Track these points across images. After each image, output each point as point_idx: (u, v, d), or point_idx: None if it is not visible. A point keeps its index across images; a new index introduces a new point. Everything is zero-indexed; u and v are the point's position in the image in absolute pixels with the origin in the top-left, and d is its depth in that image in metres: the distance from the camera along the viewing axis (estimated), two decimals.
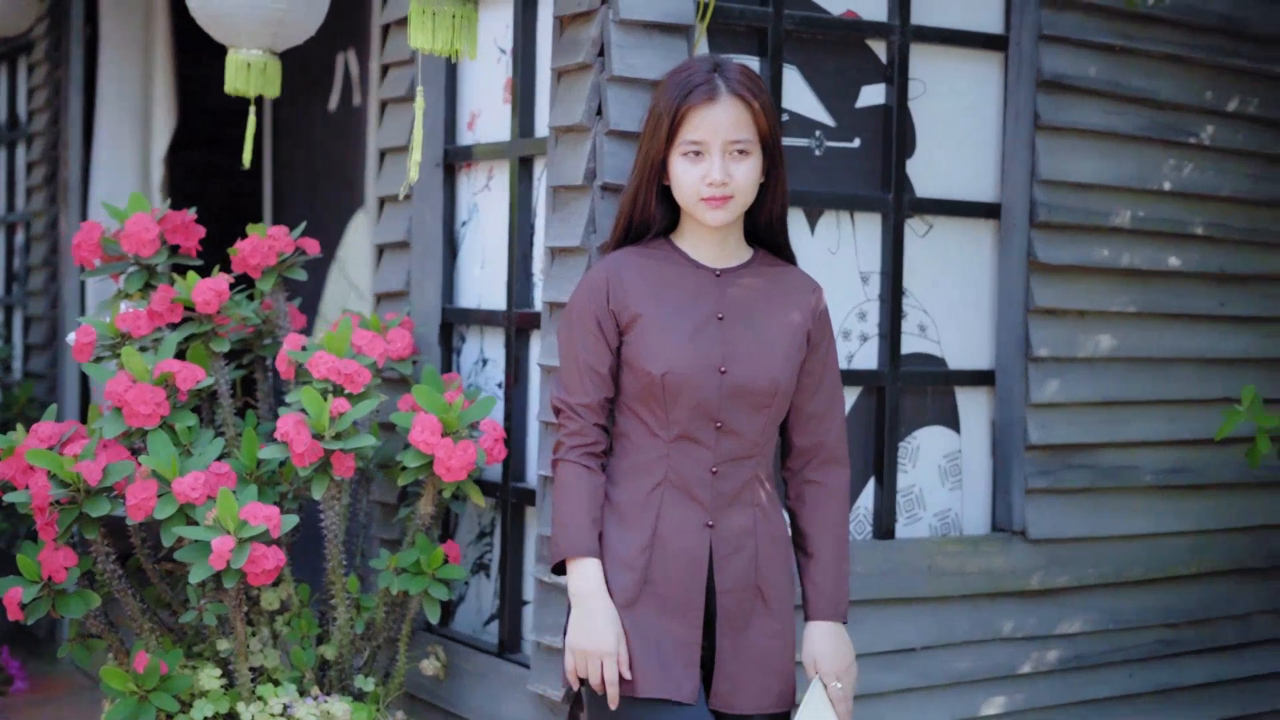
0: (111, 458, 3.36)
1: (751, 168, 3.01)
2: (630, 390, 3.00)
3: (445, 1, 3.24)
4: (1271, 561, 4.44)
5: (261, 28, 3.99)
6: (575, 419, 2.99)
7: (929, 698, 3.84)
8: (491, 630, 3.91)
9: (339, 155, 6.37)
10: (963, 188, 3.94)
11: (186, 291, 3.64)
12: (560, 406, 3.03)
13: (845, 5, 3.76)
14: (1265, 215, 4.38)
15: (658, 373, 2.94)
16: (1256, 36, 4.31)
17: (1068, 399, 4.01)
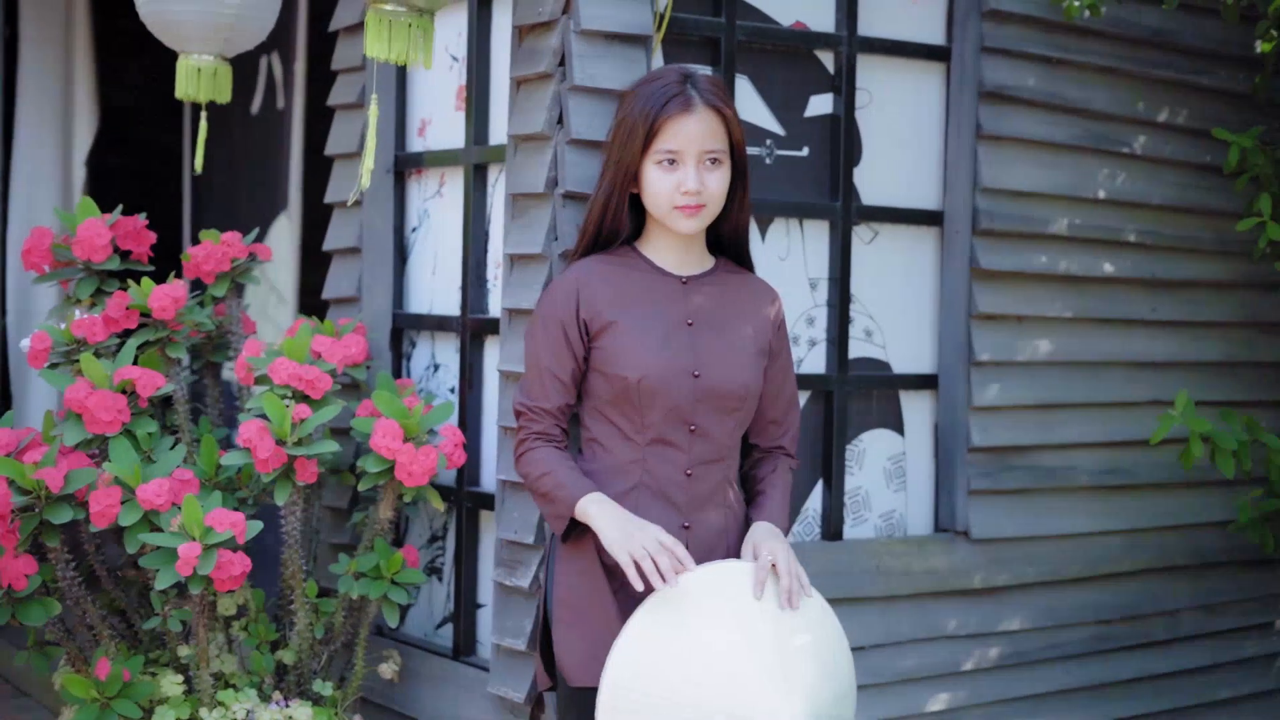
0: (72, 465, 3.35)
1: (723, 177, 3.08)
2: (602, 395, 3.05)
3: (401, 11, 3.25)
4: (1199, 559, 4.57)
5: (212, 33, 4.00)
6: (537, 421, 3.04)
7: (877, 695, 3.92)
8: (444, 634, 3.94)
9: (261, 158, 6.35)
10: (907, 195, 4.03)
11: (142, 297, 3.63)
12: (522, 409, 3.07)
13: (794, 16, 3.82)
14: (1193, 223, 4.51)
15: (633, 378, 2.99)
16: (1185, 49, 4.44)
17: (1008, 402, 4.11)
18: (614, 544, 2.85)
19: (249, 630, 3.65)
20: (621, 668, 2.81)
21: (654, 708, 2.79)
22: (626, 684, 2.80)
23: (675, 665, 2.80)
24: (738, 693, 2.76)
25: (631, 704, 2.79)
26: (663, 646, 2.81)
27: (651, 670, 2.80)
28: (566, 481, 2.96)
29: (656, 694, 2.79)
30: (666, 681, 2.79)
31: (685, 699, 2.77)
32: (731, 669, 2.78)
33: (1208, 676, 4.60)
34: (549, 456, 3.01)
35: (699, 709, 2.76)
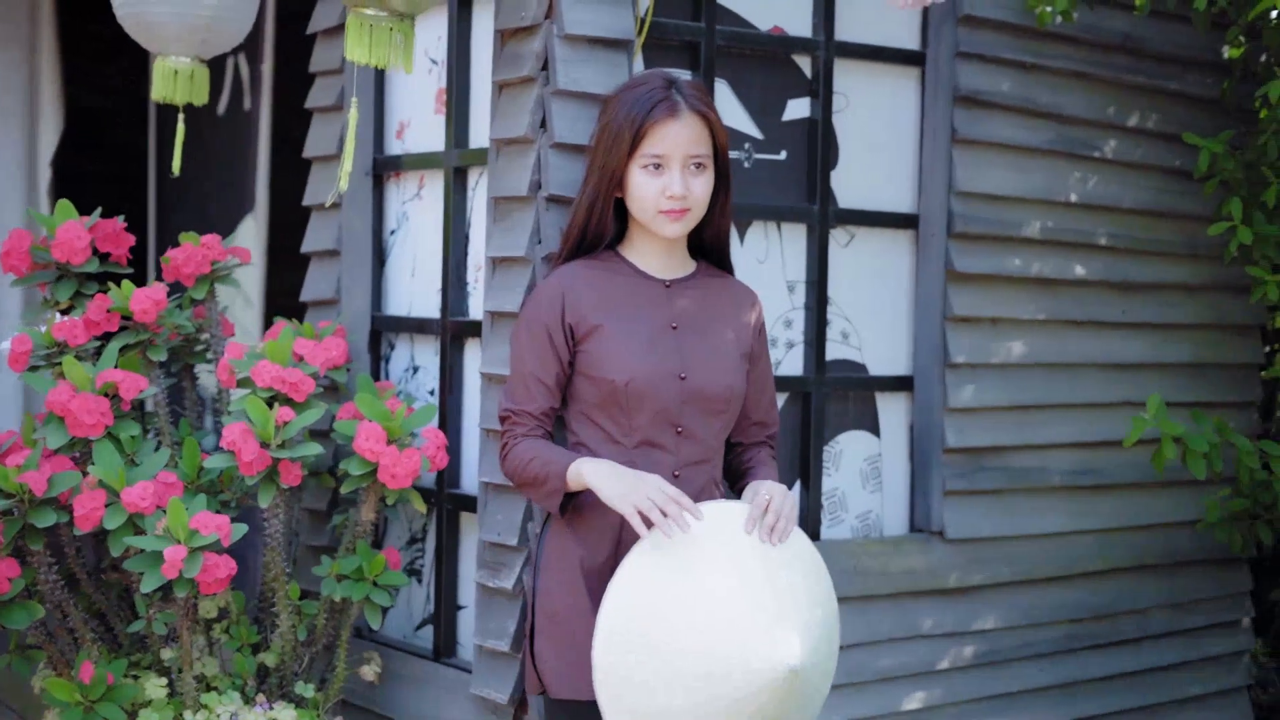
0: (55, 468, 3.35)
1: (707, 182, 3.12)
2: (589, 399, 3.07)
3: (383, 16, 3.26)
4: (1169, 558, 4.62)
5: (189, 35, 3.99)
6: (522, 424, 3.06)
7: (856, 694, 3.95)
8: (424, 635, 3.95)
9: (227, 159, 6.34)
10: (882, 199, 4.06)
11: (123, 300, 3.63)
12: (506, 414, 3.09)
13: (772, 21, 3.85)
14: (1163, 226, 4.56)
15: (621, 381, 3.02)
16: (1155, 55, 4.49)
17: (982, 404, 4.15)
18: (616, 498, 2.85)
19: (230, 633, 3.65)
20: (615, 614, 2.82)
21: (650, 649, 2.80)
22: (622, 629, 2.82)
23: (671, 608, 2.81)
24: (736, 634, 2.77)
25: (627, 647, 2.81)
26: (658, 590, 2.83)
27: (647, 613, 2.81)
28: (554, 457, 2.98)
29: (654, 637, 2.80)
30: (662, 624, 2.80)
31: (681, 643, 2.79)
32: (728, 611, 2.79)
33: (1177, 674, 4.66)
34: (533, 444, 3.04)
35: (696, 652, 2.78)
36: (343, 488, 3.57)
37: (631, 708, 2.83)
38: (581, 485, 2.94)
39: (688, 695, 2.78)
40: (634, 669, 2.81)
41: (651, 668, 2.80)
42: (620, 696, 2.83)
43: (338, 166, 4.10)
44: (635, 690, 2.82)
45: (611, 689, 2.83)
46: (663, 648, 2.80)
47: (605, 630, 2.83)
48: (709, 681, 2.77)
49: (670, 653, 2.79)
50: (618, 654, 2.82)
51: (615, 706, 2.84)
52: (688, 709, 2.79)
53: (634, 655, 2.81)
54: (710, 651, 2.77)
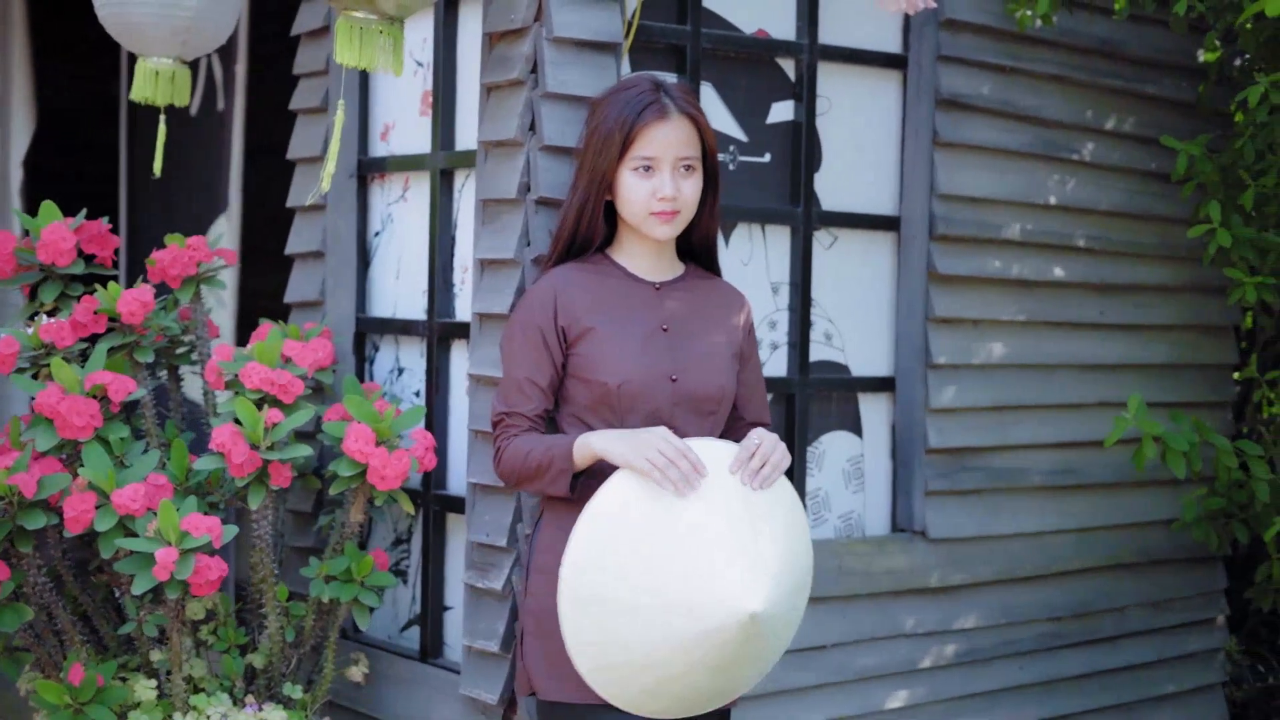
0: (44, 470, 3.34)
1: (697, 184, 3.15)
2: (581, 401, 3.09)
3: (372, 19, 3.27)
4: (1145, 557, 4.67)
5: (170, 36, 3.99)
6: (516, 427, 3.08)
7: (839, 693, 3.98)
8: (410, 636, 3.96)
9: (200, 159, 6.33)
10: (864, 201, 4.09)
11: (110, 302, 3.62)
12: (500, 417, 3.11)
13: (757, 24, 3.87)
14: (1140, 228, 4.60)
15: (614, 383, 3.04)
16: (1131, 58, 4.53)
17: (963, 404, 4.19)
18: (629, 454, 2.87)
19: (218, 634, 3.65)
20: (591, 528, 2.85)
21: (619, 572, 2.83)
22: (597, 546, 2.85)
23: (645, 537, 2.84)
24: (702, 574, 2.80)
25: (600, 565, 2.84)
26: (637, 516, 2.86)
27: (622, 536, 2.84)
28: (554, 442, 3.00)
29: (624, 561, 2.83)
30: (634, 550, 2.83)
31: (650, 572, 2.82)
32: (700, 550, 2.82)
33: (1154, 671, 4.71)
34: (527, 438, 3.05)
35: (661, 586, 2.81)
36: (331, 489, 3.57)
37: (591, 628, 2.86)
38: (590, 457, 2.95)
39: (646, 626, 2.82)
40: (600, 588, 2.84)
41: (617, 591, 2.83)
42: (582, 615, 2.86)
43: (322, 168, 4.12)
44: (597, 611, 2.85)
45: (575, 603, 2.86)
46: (630, 573, 2.83)
47: (581, 542, 2.85)
48: (668, 614, 2.81)
49: (637, 579, 2.82)
50: (589, 571, 2.85)
51: (575, 623, 2.87)
52: (643, 639, 2.83)
53: (603, 575, 2.84)
54: (675, 587, 2.80)
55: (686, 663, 2.85)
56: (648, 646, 2.83)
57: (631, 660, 2.86)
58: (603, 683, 2.91)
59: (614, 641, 2.85)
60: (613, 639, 2.85)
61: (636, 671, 2.87)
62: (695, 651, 2.83)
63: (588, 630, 2.87)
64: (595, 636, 2.87)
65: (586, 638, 2.87)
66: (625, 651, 2.85)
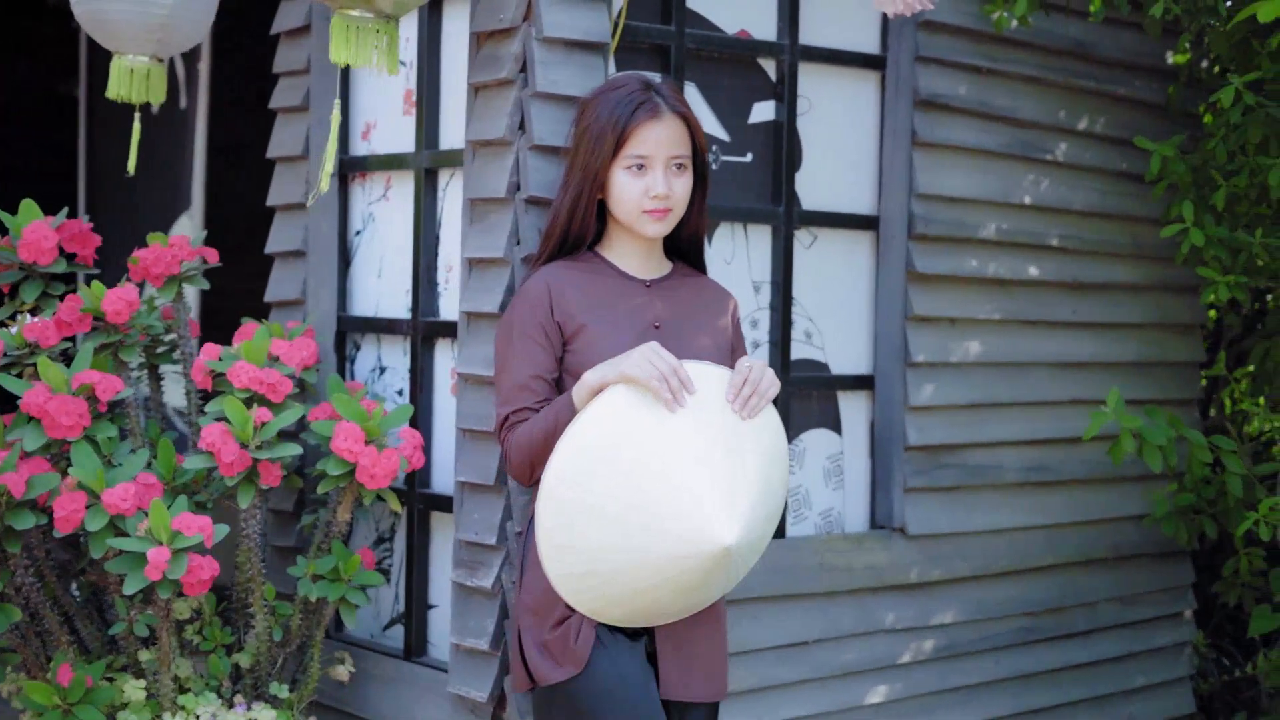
0: (31, 470, 3.32)
1: (688, 182, 3.19)
2: None
3: (369, 18, 3.27)
4: (1116, 552, 4.72)
5: (144, 33, 3.97)
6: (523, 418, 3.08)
7: (821, 689, 4.02)
8: (392, 635, 3.96)
9: (162, 157, 6.30)
10: (844, 201, 4.12)
11: (95, 301, 3.60)
12: (505, 419, 3.11)
13: (739, 24, 3.90)
14: (1111, 228, 4.66)
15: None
16: (1103, 60, 4.59)
17: (941, 402, 4.22)
18: (623, 369, 2.90)
19: (204, 634, 3.64)
20: (584, 434, 2.89)
21: (606, 480, 2.88)
22: (588, 450, 2.88)
23: (635, 450, 2.88)
24: (685, 499, 2.87)
25: (590, 471, 2.88)
26: (630, 428, 2.89)
27: (612, 446, 2.88)
28: (550, 408, 3.02)
29: (611, 471, 2.88)
30: (623, 462, 2.88)
31: (634, 487, 2.87)
32: (685, 475, 2.88)
33: (1124, 665, 4.77)
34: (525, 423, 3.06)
35: (643, 503, 2.87)
36: (319, 488, 3.57)
37: (567, 533, 2.91)
38: (588, 395, 2.96)
39: (623, 539, 2.88)
40: (584, 495, 2.89)
41: (599, 501, 2.88)
42: (561, 520, 2.90)
43: (304, 167, 4.11)
44: (578, 518, 2.89)
45: (557, 509, 2.90)
46: (613, 486, 2.88)
47: (569, 451, 2.88)
48: (645, 535, 2.88)
49: (621, 492, 2.87)
50: (575, 479, 2.88)
51: (551, 528, 2.91)
52: (617, 550, 2.89)
53: (589, 483, 2.88)
54: (653, 508, 2.87)
55: (655, 580, 2.93)
56: (620, 558, 2.90)
57: (601, 570, 2.93)
58: (570, 589, 2.97)
59: (587, 548, 2.91)
60: (586, 546, 2.91)
61: (603, 581, 2.94)
62: (666, 571, 2.91)
63: (562, 535, 2.91)
64: (569, 541, 2.92)
65: (560, 541, 2.92)
66: (597, 560, 2.92)
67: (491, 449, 3.49)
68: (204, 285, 3.85)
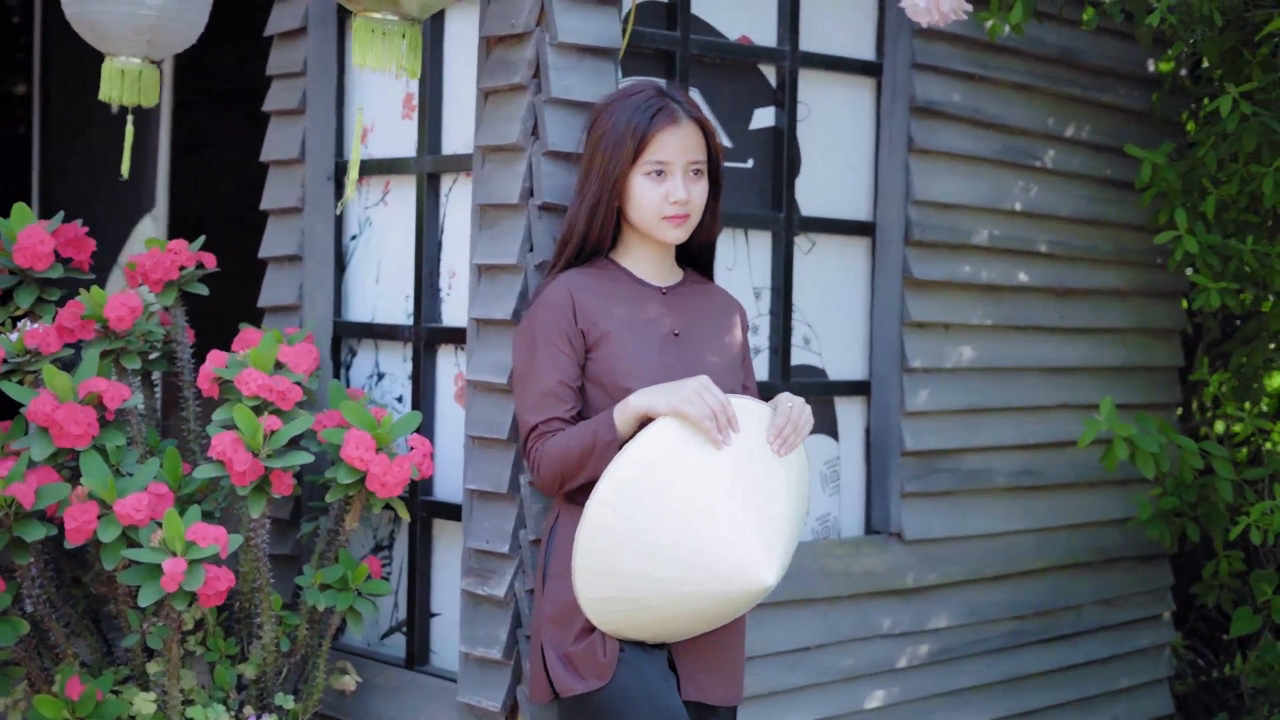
0: (40, 480, 3.26)
1: (705, 188, 3.21)
2: (602, 406, 3.10)
3: (393, 21, 3.25)
4: (1100, 555, 4.76)
5: (134, 35, 3.92)
6: (552, 429, 3.06)
7: (822, 694, 4.02)
8: (391, 643, 3.92)
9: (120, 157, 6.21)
10: (839, 207, 4.13)
11: (97, 307, 3.55)
12: (534, 428, 3.08)
13: (740, 31, 3.90)
14: (1096, 234, 4.70)
15: (636, 388, 3.05)
16: (1089, 67, 4.63)
17: (936, 407, 4.24)
18: (676, 405, 2.92)
19: (206, 645, 3.59)
20: (633, 464, 2.90)
21: (652, 515, 2.89)
22: (635, 483, 2.90)
23: (683, 484, 2.90)
24: (728, 544, 2.90)
25: (637, 504, 2.89)
26: (678, 462, 2.91)
27: (661, 480, 2.90)
28: (588, 424, 3.02)
29: (660, 505, 2.89)
30: (670, 496, 2.90)
31: (681, 523, 2.89)
32: (732, 512, 2.91)
33: (1108, 667, 4.81)
34: (559, 436, 3.05)
35: (690, 539, 2.89)
36: (329, 496, 3.53)
37: (606, 560, 2.92)
38: (633, 420, 2.97)
39: (664, 571, 2.91)
40: (629, 524, 2.89)
41: (643, 531, 2.90)
42: (603, 547, 2.91)
43: (300, 171, 4.06)
44: (621, 547, 2.90)
45: (600, 535, 2.91)
46: (661, 520, 2.89)
47: (620, 475, 2.90)
48: (685, 569, 2.91)
49: (667, 526, 2.89)
50: (623, 506, 2.89)
51: (590, 553, 2.92)
52: (654, 582, 2.92)
53: (640, 514, 2.89)
54: (700, 543, 2.89)
55: (688, 610, 2.97)
56: (657, 588, 2.92)
57: (635, 597, 2.95)
58: (599, 611, 2.98)
59: (626, 575, 2.93)
60: (625, 573, 2.93)
61: (636, 608, 2.96)
62: (702, 604, 2.95)
63: (600, 561, 2.92)
64: (607, 568, 2.93)
65: (597, 566, 2.93)
66: (633, 589, 2.94)
67: (503, 457, 3.46)
68: (202, 290, 3.80)
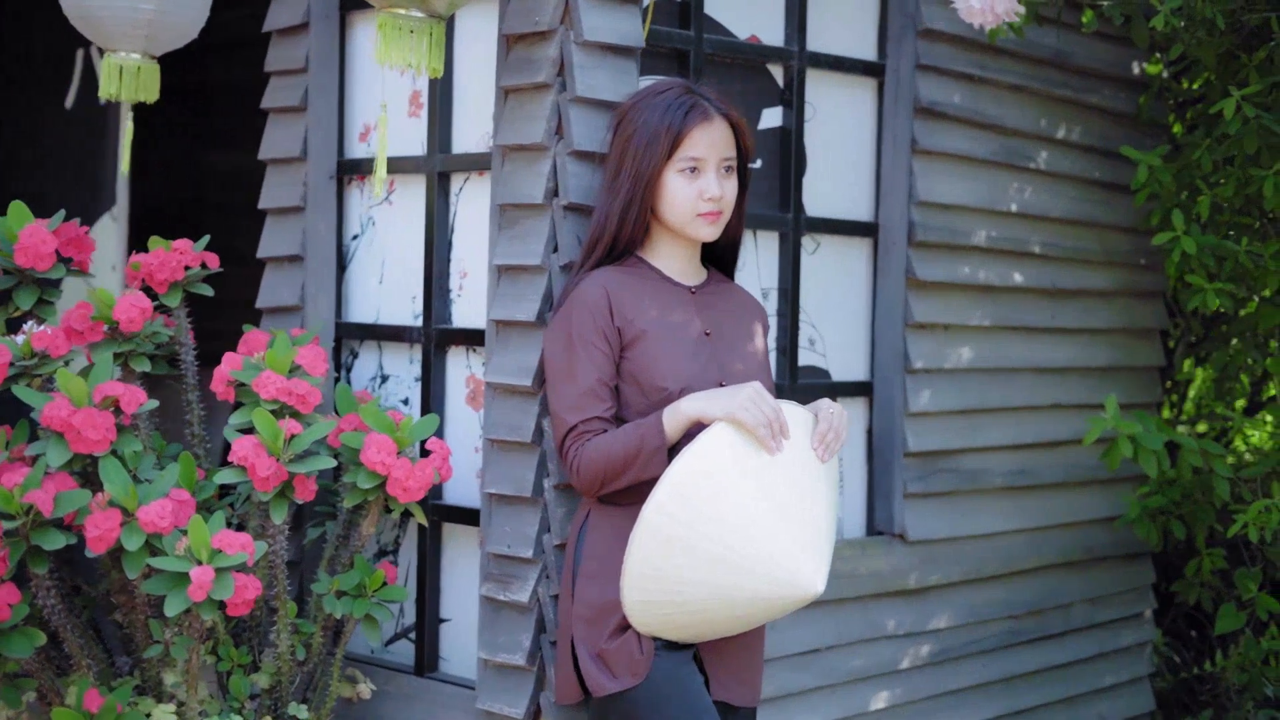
0: (57, 487, 3.17)
1: (735, 185, 3.20)
2: (635, 407, 3.08)
3: (418, 18, 3.20)
4: (1089, 554, 4.79)
5: (132, 30, 3.85)
6: (592, 429, 3.03)
7: (830, 696, 4.01)
8: (397, 650, 3.86)
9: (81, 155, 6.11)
10: (842, 207, 4.12)
11: (105, 308, 3.46)
12: (572, 428, 3.05)
13: (749, 30, 3.87)
14: (1085, 234, 4.73)
15: (675, 388, 3.03)
16: (1079, 69, 4.65)
17: (937, 408, 4.24)
18: (733, 411, 2.89)
19: (217, 653, 3.51)
20: (687, 475, 2.87)
21: (709, 521, 2.87)
22: (690, 491, 2.88)
23: (738, 493, 2.89)
24: (782, 552, 2.90)
25: (696, 514, 2.87)
26: (734, 469, 2.89)
27: (715, 488, 2.88)
28: (635, 427, 2.98)
29: (717, 513, 2.88)
30: (726, 504, 2.88)
31: (739, 531, 2.88)
32: (788, 521, 2.92)
33: (1095, 665, 4.84)
34: (602, 437, 3.02)
35: (746, 547, 2.88)
36: (346, 501, 3.46)
37: (658, 565, 2.90)
38: (683, 426, 2.95)
39: (716, 577, 2.90)
40: (685, 531, 2.88)
41: (698, 538, 2.88)
42: (657, 552, 2.89)
43: (301, 169, 3.99)
44: (674, 549, 2.89)
45: (656, 541, 2.88)
46: (716, 527, 2.88)
47: (677, 482, 2.87)
48: (738, 576, 2.90)
49: (721, 533, 2.88)
50: (680, 513, 2.87)
51: (643, 557, 2.90)
52: (705, 587, 2.91)
53: (696, 520, 2.87)
54: (754, 551, 2.89)
55: (732, 615, 2.97)
56: (707, 593, 2.92)
57: (682, 601, 2.94)
58: (644, 614, 2.96)
59: (677, 581, 2.91)
60: (676, 579, 2.91)
61: (682, 612, 2.95)
62: (749, 609, 2.96)
63: (651, 566, 2.91)
64: (657, 572, 2.91)
65: (648, 571, 2.92)
66: (681, 594, 2.93)
67: (526, 460, 3.42)
68: (207, 291, 3.72)
